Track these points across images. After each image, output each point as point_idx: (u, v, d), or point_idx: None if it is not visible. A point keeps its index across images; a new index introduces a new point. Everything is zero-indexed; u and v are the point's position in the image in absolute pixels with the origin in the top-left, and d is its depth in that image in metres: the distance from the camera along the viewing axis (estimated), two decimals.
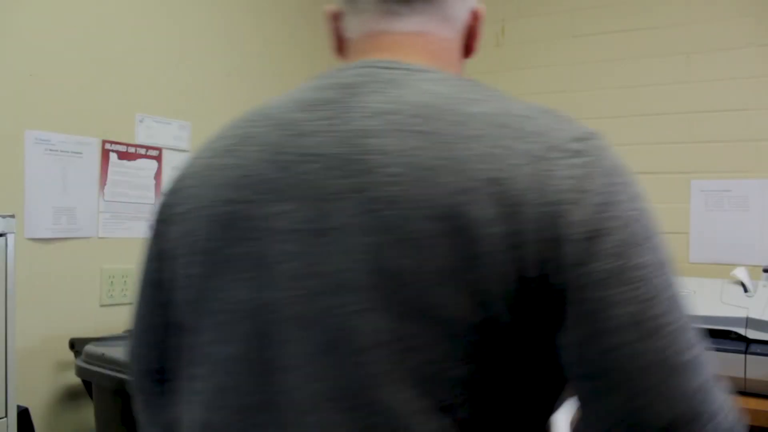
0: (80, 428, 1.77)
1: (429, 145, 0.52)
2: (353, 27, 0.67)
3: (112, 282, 1.86)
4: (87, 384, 1.66)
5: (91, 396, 1.65)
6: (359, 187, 0.53)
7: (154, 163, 1.98)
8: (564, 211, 0.49)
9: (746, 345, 1.56)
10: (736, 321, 1.59)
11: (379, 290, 0.51)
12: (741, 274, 1.79)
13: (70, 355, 1.69)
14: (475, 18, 0.67)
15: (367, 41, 0.66)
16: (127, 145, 1.90)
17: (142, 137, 1.94)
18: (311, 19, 2.67)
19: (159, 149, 2.00)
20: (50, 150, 1.70)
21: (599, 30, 2.37)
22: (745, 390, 1.56)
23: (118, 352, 1.56)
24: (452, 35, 0.66)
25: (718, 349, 1.58)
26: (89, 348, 1.62)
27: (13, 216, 1.08)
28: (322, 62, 2.74)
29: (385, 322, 0.51)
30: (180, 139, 2.06)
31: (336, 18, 0.69)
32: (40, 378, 1.69)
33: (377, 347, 0.51)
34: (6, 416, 1.07)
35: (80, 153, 1.77)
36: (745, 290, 1.74)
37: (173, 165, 2.04)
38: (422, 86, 0.57)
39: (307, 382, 0.53)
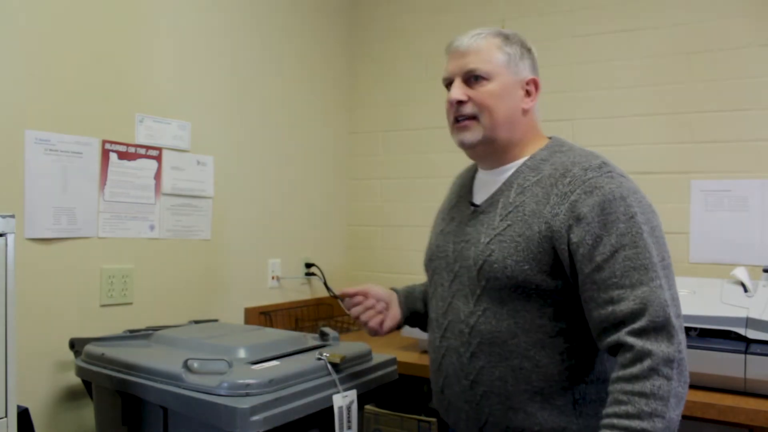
0: (80, 428, 1.77)
1: None
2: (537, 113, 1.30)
3: (112, 282, 1.86)
4: (87, 384, 1.66)
5: (91, 396, 1.65)
6: None
7: (154, 163, 1.98)
8: None
9: (746, 345, 1.56)
10: (736, 321, 1.59)
11: None
12: (741, 274, 1.79)
13: (70, 355, 1.69)
14: None
15: None
16: (127, 145, 1.90)
17: (142, 137, 1.94)
18: (309, 18, 2.67)
19: (159, 149, 2.00)
20: (50, 150, 1.70)
21: (599, 30, 2.37)
22: (745, 390, 1.56)
23: (118, 352, 1.56)
24: None
25: (718, 349, 1.58)
26: (89, 348, 1.62)
27: (13, 216, 1.08)
28: (319, 62, 2.75)
29: None
30: (180, 139, 2.06)
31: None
32: (40, 378, 1.69)
33: None
34: (6, 416, 1.07)
35: (80, 153, 1.77)
36: (745, 290, 1.74)
37: (173, 165, 2.04)
38: None
39: None
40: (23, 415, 1.44)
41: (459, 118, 1.25)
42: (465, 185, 1.36)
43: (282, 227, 2.51)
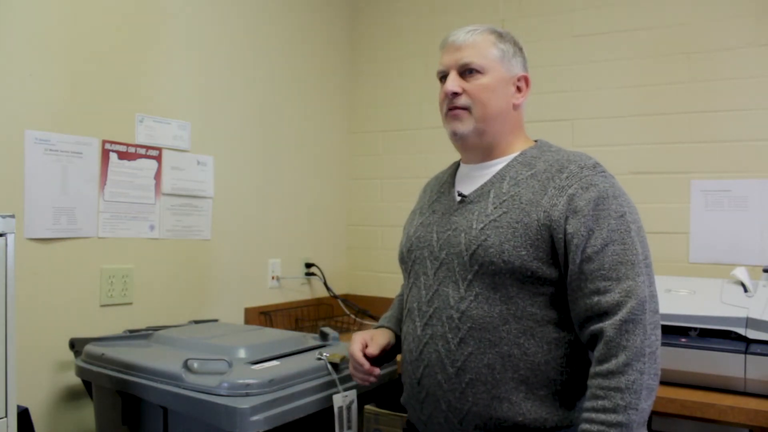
0: (80, 428, 1.77)
1: None
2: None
3: (112, 282, 1.86)
4: (87, 384, 1.66)
5: (91, 396, 1.65)
6: None
7: (154, 163, 1.98)
8: None
9: (746, 345, 1.56)
10: (736, 321, 1.59)
11: None
12: (741, 274, 1.79)
13: (70, 355, 1.70)
14: None
15: None
16: (127, 145, 1.90)
17: (142, 137, 1.94)
18: (309, 18, 2.67)
19: (159, 149, 2.00)
20: (50, 150, 1.70)
21: (599, 30, 2.37)
22: (745, 390, 1.56)
23: (118, 352, 1.56)
24: None
25: (718, 349, 1.58)
26: (89, 348, 1.62)
27: (13, 216, 1.08)
28: (319, 62, 2.75)
29: None
30: (180, 139, 2.06)
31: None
32: (40, 378, 1.69)
33: None
34: (6, 416, 1.07)
35: (80, 153, 1.77)
36: (745, 290, 1.74)
37: (173, 165, 2.04)
38: None
39: None
40: (23, 415, 1.44)
41: (452, 108, 1.29)
42: (446, 181, 1.38)
43: (282, 227, 2.51)
